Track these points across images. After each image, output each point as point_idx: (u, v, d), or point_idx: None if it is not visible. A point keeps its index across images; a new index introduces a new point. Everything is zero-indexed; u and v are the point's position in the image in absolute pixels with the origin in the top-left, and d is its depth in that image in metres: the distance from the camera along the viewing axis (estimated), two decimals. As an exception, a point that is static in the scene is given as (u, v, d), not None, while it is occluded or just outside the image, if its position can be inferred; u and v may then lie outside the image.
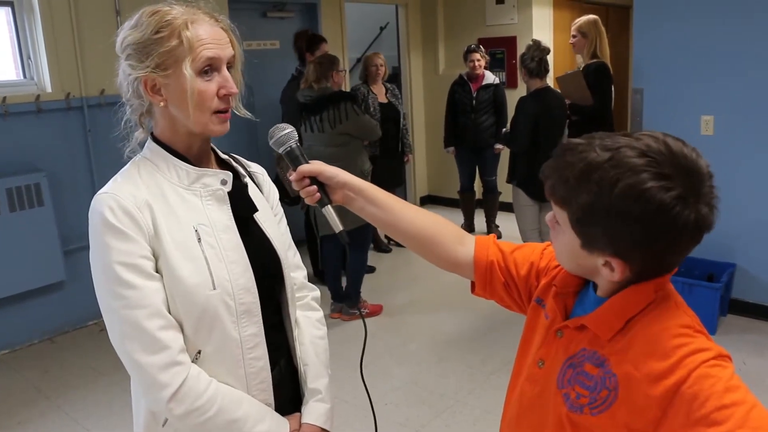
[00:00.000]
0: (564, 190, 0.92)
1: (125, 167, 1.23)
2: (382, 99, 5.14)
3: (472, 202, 5.93)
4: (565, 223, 0.95)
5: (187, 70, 1.12)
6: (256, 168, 1.42)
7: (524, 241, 4.02)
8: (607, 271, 0.93)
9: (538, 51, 3.89)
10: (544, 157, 0.99)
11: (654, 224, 0.86)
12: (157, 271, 1.16)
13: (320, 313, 1.48)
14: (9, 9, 3.87)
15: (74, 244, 4.02)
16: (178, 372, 1.14)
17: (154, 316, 1.13)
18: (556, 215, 0.98)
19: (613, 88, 4.40)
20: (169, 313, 1.16)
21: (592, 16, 4.36)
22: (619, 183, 0.86)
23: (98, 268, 1.15)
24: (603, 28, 4.33)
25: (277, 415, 1.28)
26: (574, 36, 4.35)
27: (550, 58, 4.04)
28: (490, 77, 5.52)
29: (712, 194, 0.88)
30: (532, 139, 3.90)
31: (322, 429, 1.34)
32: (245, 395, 1.23)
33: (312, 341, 1.40)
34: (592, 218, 0.89)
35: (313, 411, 1.34)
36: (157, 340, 1.12)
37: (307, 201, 1.23)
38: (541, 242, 1.21)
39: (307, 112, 3.94)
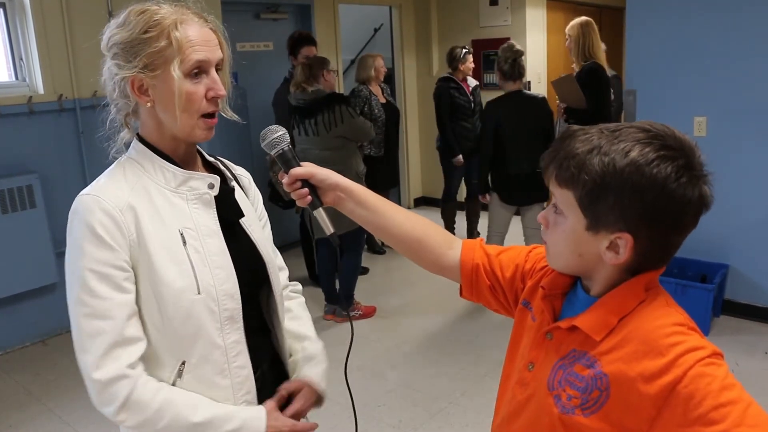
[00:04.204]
0: (572, 167, 0.92)
1: (110, 167, 1.21)
2: (382, 99, 5.12)
3: (455, 213, 5.67)
4: (570, 206, 0.94)
5: (176, 71, 1.10)
6: (241, 171, 1.41)
7: (487, 241, 4.03)
8: (611, 255, 0.93)
9: (511, 52, 3.90)
10: (512, 161, 0.99)
11: (662, 194, 0.88)
12: (136, 280, 1.13)
13: (301, 299, 1.51)
14: (1, 10, 3.86)
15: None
16: (124, 385, 1.10)
17: (113, 330, 1.09)
18: (558, 201, 0.97)
19: (611, 89, 4.39)
20: (150, 320, 1.14)
21: (583, 18, 4.36)
22: (629, 153, 0.89)
23: (69, 271, 1.12)
24: (596, 30, 4.32)
25: (249, 407, 1.23)
26: (568, 38, 4.36)
27: (542, 60, 4.04)
28: (472, 80, 5.46)
29: (708, 176, 0.92)
30: (497, 144, 3.90)
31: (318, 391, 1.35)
32: (203, 399, 1.17)
33: (302, 313, 1.47)
34: (602, 191, 0.90)
35: (311, 368, 1.37)
36: (107, 354, 1.09)
37: (299, 203, 1.22)
38: (502, 244, 1.21)
39: (301, 116, 3.90)
